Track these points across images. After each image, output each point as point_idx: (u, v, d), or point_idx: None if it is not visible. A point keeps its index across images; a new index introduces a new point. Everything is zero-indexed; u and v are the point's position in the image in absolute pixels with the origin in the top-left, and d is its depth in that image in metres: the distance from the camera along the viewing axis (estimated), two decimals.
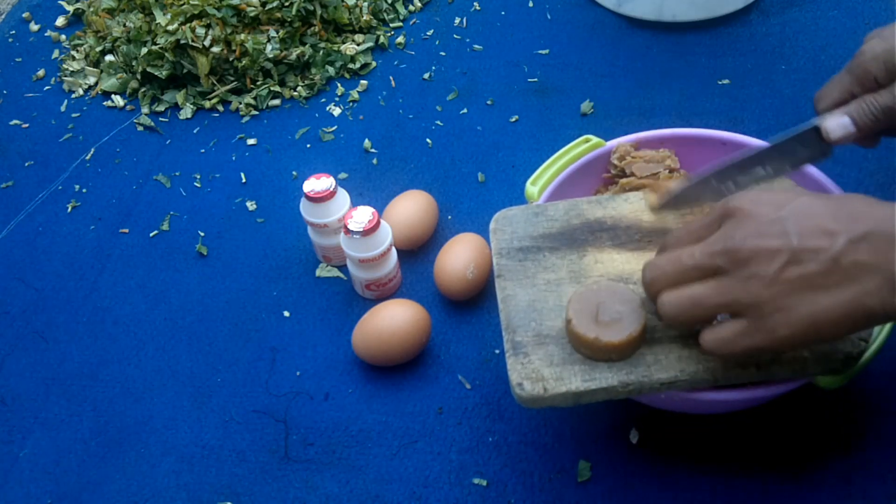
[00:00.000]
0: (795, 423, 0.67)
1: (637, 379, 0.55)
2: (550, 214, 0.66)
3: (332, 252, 0.82)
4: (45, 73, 1.09)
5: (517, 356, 0.57)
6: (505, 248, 0.64)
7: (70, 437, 0.73)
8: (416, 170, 0.92)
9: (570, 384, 0.55)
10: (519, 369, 0.56)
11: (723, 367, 0.55)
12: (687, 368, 0.55)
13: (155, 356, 0.78)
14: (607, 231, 0.64)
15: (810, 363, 0.55)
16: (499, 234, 0.65)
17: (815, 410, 0.68)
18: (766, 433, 0.67)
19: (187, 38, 0.98)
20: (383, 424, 0.71)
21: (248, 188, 0.92)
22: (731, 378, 0.55)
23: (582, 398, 0.55)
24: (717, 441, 0.67)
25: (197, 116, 1.01)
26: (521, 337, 0.58)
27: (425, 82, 1.02)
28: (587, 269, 0.62)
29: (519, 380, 0.55)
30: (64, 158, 0.97)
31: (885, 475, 0.64)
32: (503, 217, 0.66)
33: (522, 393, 0.55)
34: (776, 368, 0.55)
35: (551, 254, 0.63)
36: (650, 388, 0.55)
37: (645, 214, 0.65)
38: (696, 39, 1.03)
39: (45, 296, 0.84)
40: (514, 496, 0.66)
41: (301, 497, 0.67)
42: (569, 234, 0.64)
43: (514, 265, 0.63)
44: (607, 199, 0.67)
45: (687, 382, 0.55)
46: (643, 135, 0.75)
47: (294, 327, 0.79)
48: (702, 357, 0.55)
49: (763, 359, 0.55)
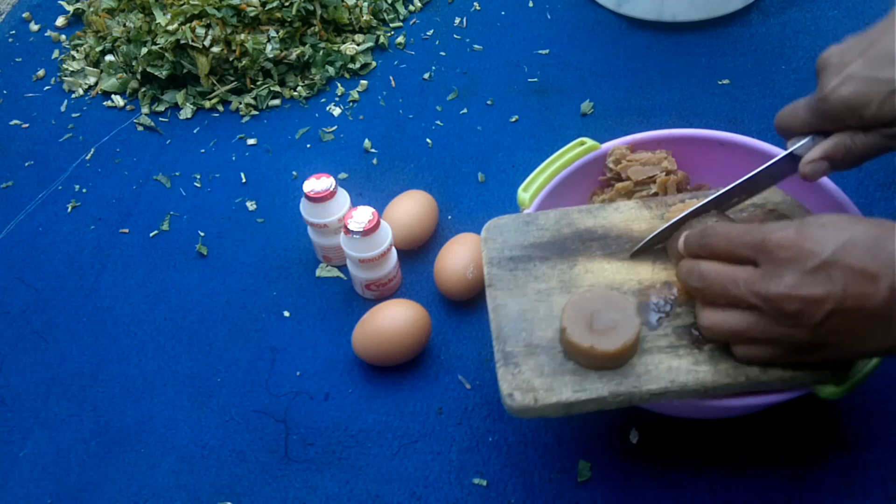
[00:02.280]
0: (795, 424, 0.67)
1: (627, 390, 0.55)
2: (541, 223, 0.66)
3: (332, 252, 0.82)
4: (45, 73, 1.09)
5: (507, 366, 0.56)
6: (496, 258, 0.63)
7: (70, 437, 0.73)
8: (416, 170, 0.92)
9: (560, 395, 0.55)
10: (510, 380, 0.56)
11: (712, 379, 0.55)
12: (677, 379, 0.55)
13: (155, 356, 0.78)
14: (598, 241, 0.64)
15: (799, 377, 0.55)
16: (490, 243, 0.65)
17: (815, 411, 0.68)
18: (767, 434, 0.67)
19: (187, 38, 0.98)
20: (383, 424, 0.71)
21: (248, 188, 0.92)
22: (721, 390, 0.55)
23: (572, 409, 0.55)
24: (718, 441, 0.67)
25: (197, 116, 1.01)
26: (512, 347, 0.58)
27: (425, 82, 1.02)
28: (577, 279, 0.61)
29: (510, 390, 0.55)
30: (64, 158, 0.97)
31: (885, 475, 0.64)
32: (494, 226, 0.66)
33: (513, 404, 0.55)
34: (766, 381, 0.55)
35: (542, 263, 0.63)
36: (640, 399, 0.55)
37: (635, 224, 0.65)
38: (696, 39, 1.03)
39: (45, 296, 0.84)
40: (514, 496, 0.66)
41: (301, 497, 0.67)
42: (559, 243, 0.64)
43: (505, 275, 0.62)
44: (598, 209, 0.66)
45: (676, 393, 0.55)
46: (639, 136, 0.74)
47: (294, 327, 0.79)
48: (691, 368, 0.55)
49: (752, 373, 0.55)
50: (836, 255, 0.48)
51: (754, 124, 0.92)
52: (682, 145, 0.74)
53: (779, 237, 0.50)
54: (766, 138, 0.74)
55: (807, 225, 0.50)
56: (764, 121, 0.92)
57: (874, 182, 0.84)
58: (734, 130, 0.75)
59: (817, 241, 0.49)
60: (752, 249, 0.51)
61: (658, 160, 0.73)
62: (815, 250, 0.48)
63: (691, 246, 0.56)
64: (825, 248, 0.48)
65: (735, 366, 0.55)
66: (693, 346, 0.56)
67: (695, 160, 0.74)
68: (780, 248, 0.50)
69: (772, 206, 0.65)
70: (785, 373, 0.55)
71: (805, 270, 0.48)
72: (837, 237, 0.49)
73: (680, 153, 0.74)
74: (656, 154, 0.74)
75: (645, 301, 0.59)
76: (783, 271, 0.49)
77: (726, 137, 0.73)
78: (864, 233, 0.49)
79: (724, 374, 0.55)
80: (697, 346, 0.56)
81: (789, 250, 0.49)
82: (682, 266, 0.56)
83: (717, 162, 0.73)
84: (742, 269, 0.52)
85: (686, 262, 0.56)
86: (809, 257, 0.48)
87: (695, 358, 0.56)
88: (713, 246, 0.54)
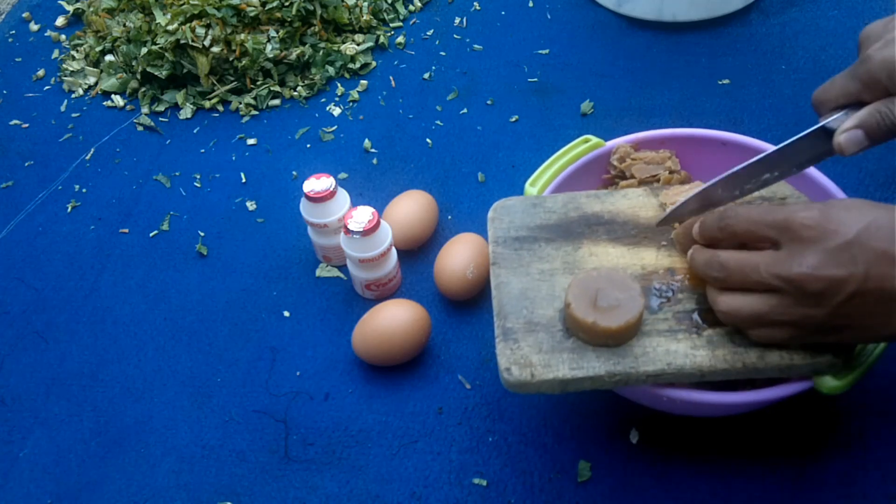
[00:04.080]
0: (795, 424, 0.67)
1: (624, 370, 0.55)
2: (549, 206, 0.66)
3: (332, 252, 0.82)
4: (45, 73, 1.09)
5: (507, 342, 0.57)
6: (501, 237, 0.64)
7: (70, 437, 0.73)
8: (416, 170, 0.92)
9: (557, 371, 0.55)
10: (508, 354, 0.57)
11: (709, 363, 0.55)
12: (674, 362, 0.55)
13: (155, 356, 0.78)
14: (604, 225, 0.65)
15: (796, 365, 0.55)
16: (496, 222, 0.65)
17: (815, 411, 0.68)
18: (767, 433, 0.67)
19: (187, 38, 0.98)
20: (383, 424, 0.71)
21: (248, 188, 0.92)
22: (717, 375, 0.56)
23: (569, 386, 0.56)
24: (718, 441, 0.67)
25: (197, 116, 1.01)
26: (512, 323, 0.58)
27: (425, 82, 1.02)
28: (581, 261, 0.62)
29: (507, 364, 0.56)
30: (64, 158, 0.97)
31: (885, 475, 0.64)
32: (502, 206, 0.67)
33: (510, 378, 0.56)
34: (763, 368, 0.55)
35: (547, 244, 0.63)
36: (636, 380, 0.56)
37: (642, 211, 0.65)
38: (696, 39, 1.03)
39: (45, 296, 0.84)
40: (514, 496, 0.66)
41: (301, 497, 0.67)
42: (565, 226, 0.65)
43: (510, 253, 0.63)
44: (606, 194, 0.67)
45: (673, 376, 0.56)
46: (643, 135, 0.75)
47: (294, 327, 0.79)
48: (689, 352, 0.56)
49: (749, 360, 0.55)
50: (860, 237, 0.48)
51: (754, 124, 0.92)
52: (685, 145, 0.75)
53: (803, 216, 0.50)
54: (767, 138, 0.74)
55: (830, 206, 0.50)
56: (764, 121, 0.92)
57: (874, 182, 0.84)
58: (734, 130, 0.75)
59: (841, 221, 0.49)
60: (775, 229, 0.51)
61: (662, 159, 0.73)
62: (840, 230, 0.49)
63: (709, 230, 0.55)
64: (849, 230, 0.48)
65: (733, 352, 0.56)
66: (692, 331, 0.57)
67: (697, 160, 0.74)
68: (803, 227, 0.50)
69: (779, 200, 0.65)
70: (782, 361, 0.55)
71: (828, 250, 0.49)
72: (861, 219, 0.49)
73: (682, 153, 0.75)
74: (660, 153, 0.74)
75: (647, 286, 0.60)
76: (806, 251, 0.49)
77: (728, 137, 0.73)
78: (885, 216, 0.49)
79: (722, 360, 0.55)
80: (697, 331, 0.57)
81: (813, 230, 0.49)
82: (699, 256, 0.55)
83: (719, 162, 0.73)
84: (762, 255, 0.52)
85: (703, 253, 0.55)
86: (833, 237, 0.49)
87: (693, 342, 0.56)
88: (733, 227, 0.53)
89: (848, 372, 0.55)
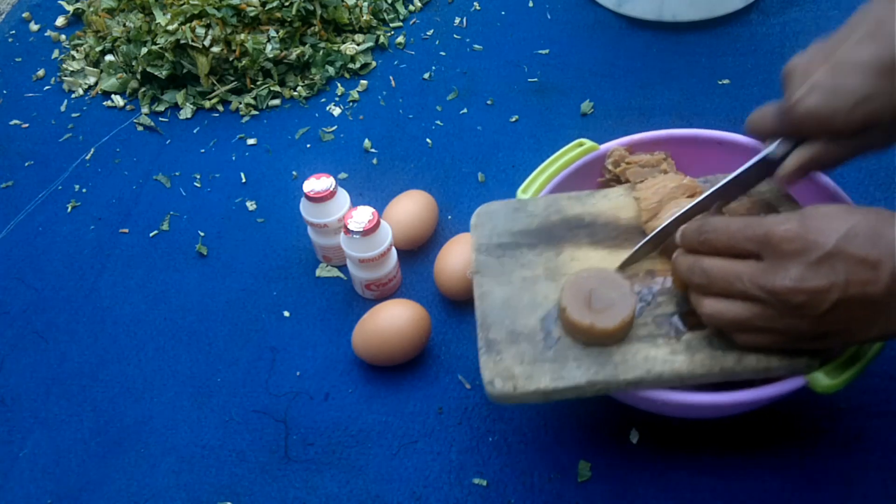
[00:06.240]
0: (795, 424, 0.67)
1: (604, 379, 0.56)
2: (530, 210, 0.66)
3: (332, 252, 0.82)
4: (45, 73, 1.09)
5: (490, 354, 0.58)
6: (484, 245, 0.64)
7: (70, 437, 0.73)
8: (416, 170, 0.92)
9: (539, 383, 0.56)
10: (491, 367, 0.57)
11: (687, 369, 0.55)
12: (653, 369, 0.56)
13: (155, 356, 0.78)
14: (585, 228, 0.64)
15: (773, 368, 0.55)
16: (479, 229, 0.65)
17: (814, 411, 0.68)
18: (766, 433, 0.67)
19: (187, 38, 0.98)
20: (383, 424, 0.71)
21: (248, 188, 0.92)
22: (696, 380, 0.56)
23: (551, 396, 0.56)
24: (718, 441, 0.67)
25: (197, 116, 1.01)
26: (495, 334, 0.59)
27: (425, 82, 1.02)
28: (563, 267, 0.62)
29: (490, 377, 0.56)
30: (64, 158, 0.97)
31: (885, 475, 0.64)
32: (484, 212, 0.67)
33: (493, 390, 0.56)
34: (740, 371, 0.56)
35: (529, 251, 0.63)
36: (617, 388, 0.56)
37: (622, 211, 0.65)
38: (696, 39, 1.03)
39: (45, 296, 0.84)
40: (514, 496, 0.66)
41: (301, 497, 0.67)
42: (547, 230, 0.65)
43: (492, 262, 0.63)
44: (587, 195, 0.67)
45: (653, 382, 0.56)
46: (638, 137, 0.74)
47: (294, 327, 0.79)
48: (668, 358, 0.56)
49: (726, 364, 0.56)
50: (839, 246, 0.48)
51: None
52: (681, 145, 0.74)
53: (783, 230, 0.50)
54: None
55: (808, 217, 0.50)
56: None
57: (874, 182, 0.84)
58: (734, 130, 0.75)
59: (820, 231, 0.49)
60: (755, 243, 0.51)
61: (657, 161, 0.73)
62: (819, 241, 0.49)
63: (689, 241, 0.56)
64: (828, 239, 0.49)
65: (711, 356, 0.56)
66: (671, 335, 0.57)
67: (693, 160, 0.74)
68: (784, 241, 0.50)
69: (758, 195, 0.65)
70: (759, 364, 0.55)
71: (809, 262, 0.49)
72: (839, 227, 0.49)
73: (678, 153, 0.74)
74: (655, 156, 0.74)
75: None
76: (788, 264, 0.49)
77: (725, 137, 0.73)
78: (863, 222, 0.49)
79: (700, 365, 0.56)
80: (676, 335, 0.57)
81: (794, 242, 0.49)
82: (682, 262, 0.56)
83: (716, 161, 0.73)
84: (745, 264, 0.52)
85: (686, 258, 0.55)
86: (814, 248, 0.49)
87: (672, 348, 0.56)
88: (713, 241, 0.54)
89: (842, 371, 0.55)
